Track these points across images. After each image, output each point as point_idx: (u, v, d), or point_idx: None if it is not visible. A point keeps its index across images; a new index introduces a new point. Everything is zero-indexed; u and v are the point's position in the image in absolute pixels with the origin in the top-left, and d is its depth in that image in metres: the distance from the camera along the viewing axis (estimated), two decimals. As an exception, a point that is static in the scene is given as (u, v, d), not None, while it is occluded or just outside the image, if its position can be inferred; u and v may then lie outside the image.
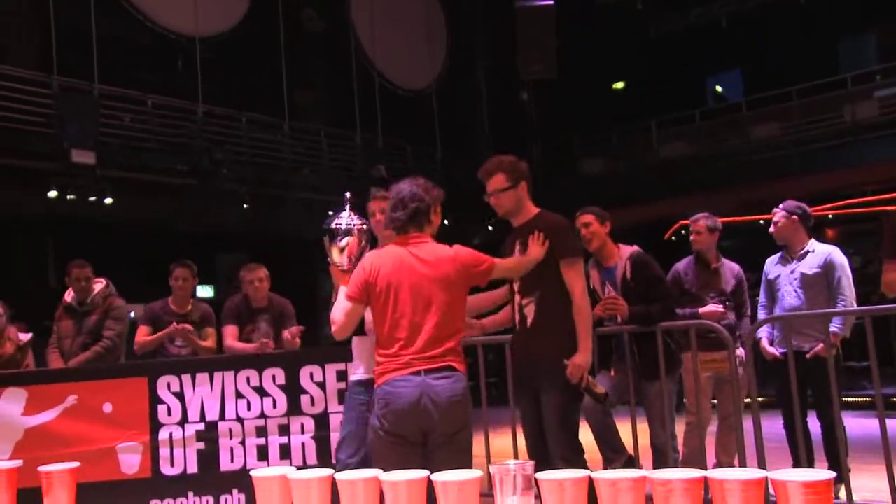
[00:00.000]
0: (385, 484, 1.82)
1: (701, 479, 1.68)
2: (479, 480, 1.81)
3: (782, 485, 1.63)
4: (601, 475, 1.70)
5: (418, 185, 3.83)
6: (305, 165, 17.47)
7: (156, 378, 5.23)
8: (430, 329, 3.62)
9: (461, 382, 3.62)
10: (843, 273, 5.69)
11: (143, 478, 5.13)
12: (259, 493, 1.99)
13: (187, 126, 15.56)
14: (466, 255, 3.81)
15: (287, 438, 5.20)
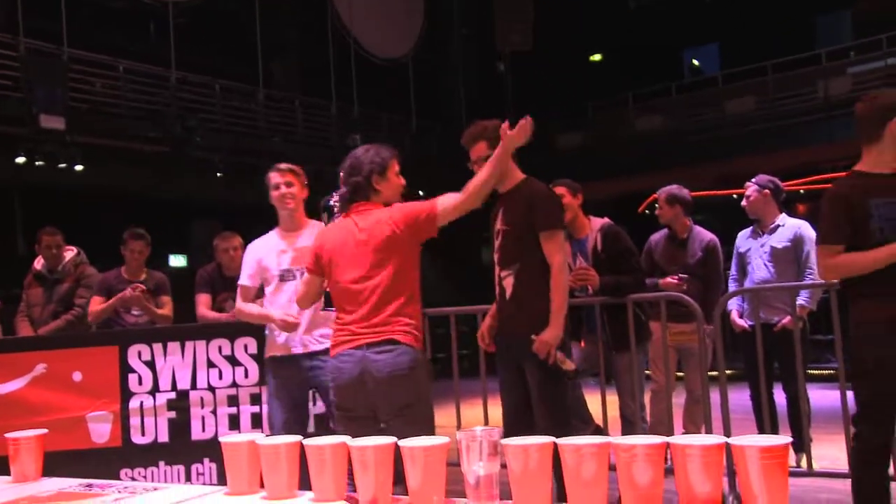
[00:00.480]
0: (353, 449, 1.85)
1: (663, 444, 1.72)
2: (445, 447, 1.84)
3: (741, 450, 1.67)
4: (566, 441, 1.74)
5: (356, 157, 3.75)
6: (280, 134, 17.39)
7: (126, 347, 5.21)
8: (372, 298, 3.55)
9: (405, 356, 3.49)
10: (812, 247, 5.74)
11: (114, 447, 5.13)
12: (228, 459, 2.02)
13: (160, 93, 15.44)
14: (402, 210, 3.64)
15: (259, 408, 5.20)
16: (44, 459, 2.40)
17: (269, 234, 4.70)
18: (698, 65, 24.40)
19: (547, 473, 1.76)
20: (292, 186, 4.54)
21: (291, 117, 17.79)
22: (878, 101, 3.84)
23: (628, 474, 1.70)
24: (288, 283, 4.49)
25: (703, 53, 24.19)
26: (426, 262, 3.93)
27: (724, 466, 1.75)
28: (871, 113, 3.80)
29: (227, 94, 16.59)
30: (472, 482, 1.77)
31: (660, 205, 6.14)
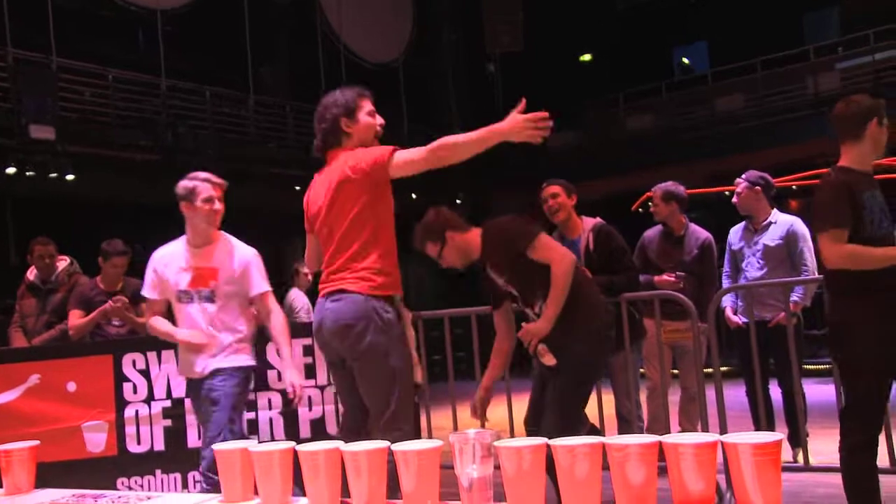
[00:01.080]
0: (346, 454, 1.84)
1: (656, 444, 1.72)
2: (438, 450, 1.84)
3: (733, 447, 1.68)
4: (559, 442, 1.74)
5: (322, 104, 3.72)
6: (271, 140, 17.39)
7: (121, 356, 5.22)
8: (330, 246, 3.60)
9: (353, 304, 3.47)
10: (805, 244, 5.77)
11: (110, 456, 5.13)
12: (221, 467, 2.02)
13: (150, 101, 15.41)
14: (357, 155, 3.57)
15: (254, 414, 5.21)
16: (39, 470, 2.39)
17: (175, 244, 4.48)
18: (688, 63, 24.43)
19: (540, 474, 1.76)
20: (221, 202, 4.45)
21: (282, 122, 17.78)
22: (858, 103, 4.01)
23: (622, 474, 1.71)
24: (187, 306, 4.27)
25: (692, 52, 24.21)
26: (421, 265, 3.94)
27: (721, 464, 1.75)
28: (851, 114, 3.98)
29: (217, 100, 16.57)
30: (465, 485, 1.76)
31: (655, 202, 6.14)
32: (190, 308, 4.23)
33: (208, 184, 4.39)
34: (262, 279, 4.39)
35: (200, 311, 4.20)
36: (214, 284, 4.22)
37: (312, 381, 5.23)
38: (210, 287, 4.22)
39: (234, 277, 4.26)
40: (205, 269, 4.22)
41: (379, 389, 3.52)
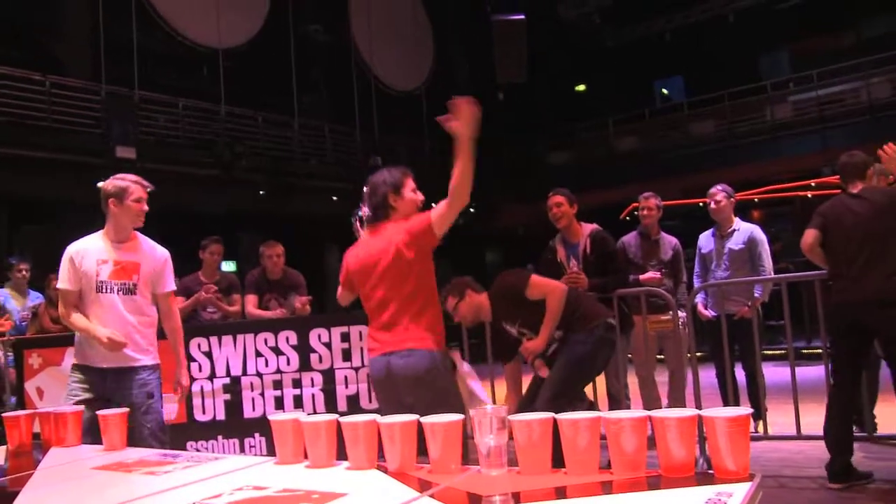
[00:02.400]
0: (382, 426, 1.85)
1: (645, 418, 1.72)
2: (461, 423, 1.85)
3: (711, 420, 1.67)
4: (564, 416, 1.74)
5: (372, 182, 3.56)
6: (312, 157, 17.44)
7: (188, 340, 5.23)
8: (395, 303, 3.41)
9: (423, 359, 3.34)
10: (763, 248, 5.76)
11: (181, 423, 5.16)
12: (276, 434, 2.03)
13: (212, 125, 15.52)
14: (403, 228, 3.39)
15: (300, 390, 5.23)
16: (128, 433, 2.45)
17: (91, 238, 3.95)
18: (667, 94, 24.36)
19: (547, 443, 1.76)
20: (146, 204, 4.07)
21: (321, 142, 17.83)
22: (856, 158, 4.46)
23: (617, 443, 1.71)
24: (105, 296, 3.80)
25: (670, 84, 24.15)
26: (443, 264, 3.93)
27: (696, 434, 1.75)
28: (856, 163, 4.43)
29: (267, 124, 16.64)
30: (484, 452, 1.77)
31: (650, 208, 6.04)
32: (109, 298, 3.80)
33: (139, 185, 4.03)
34: (172, 279, 4.08)
35: (121, 302, 3.81)
36: (136, 278, 3.87)
37: (349, 363, 5.24)
38: (133, 280, 3.85)
39: (153, 273, 3.94)
40: (128, 264, 3.86)
41: None
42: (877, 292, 4.10)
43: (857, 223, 4.22)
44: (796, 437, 5.15)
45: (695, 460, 1.75)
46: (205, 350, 5.25)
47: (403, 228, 3.38)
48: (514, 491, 1.66)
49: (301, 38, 18.15)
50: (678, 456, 1.68)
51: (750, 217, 15.20)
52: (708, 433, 1.72)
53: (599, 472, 1.74)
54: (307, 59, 18.39)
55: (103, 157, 13.03)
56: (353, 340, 5.23)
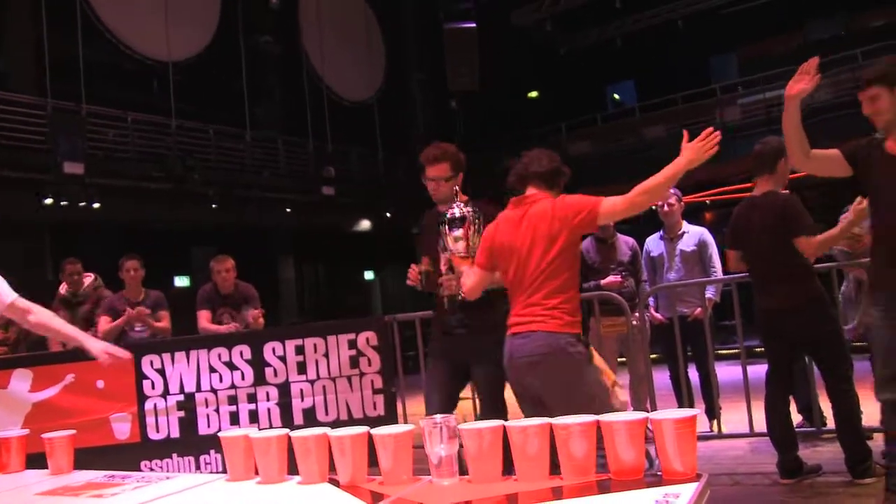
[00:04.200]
0: (332, 439, 1.85)
1: (594, 422, 1.73)
2: (411, 433, 1.85)
3: (658, 423, 1.70)
4: (513, 424, 1.75)
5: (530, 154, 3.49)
6: (265, 169, 17.33)
7: (141, 357, 5.14)
8: (532, 281, 3.25)
9: (540, 340, 3.16)
10: (713, 249, 5.85)
11: (134, 442, 5.07)
12: (227, 451, 2.01)
13: (162, 138, 15.34)
14: (565, 204, 3.25)
15: (255, 405, 5.16)
16: (75, 455, 2.41)
17: None
18: (619, 98, 24.66)
19: (497, 451, 1.77)
20: None
21: (274, 154, 17.72)
22: (771, 145, 4.32)
23: (566, 448, 1.72)
24: None
25: (622, 89, 24.46)
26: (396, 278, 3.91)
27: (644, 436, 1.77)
28: (766, 153, 4.32)
29: (219, 136, 16.49)
30: (434, 462, 1.77)
31: None
32: None
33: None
34: (9, 288, 3.55)
35: None
36: None
37: (304, 376, 5.20)
38: None
39: None
40: None
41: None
42: (783, 301, 4.22)
43: (758, 237, 4.32)
44: (749, 434, 5.24)
45: (646, 461, 1.77)
46: (157, 367, 5.16)
47: (566, 204, 3.24)
48: (465, 500, 1.66)
49: (252, 49, 18.04)
50: (627, 459, 1.70)
51: (702, 219, 15.44)
52: (655, 436, 1.74)
53: (550, 478, 1.75)
54: (259, 71, 18.28)
55: (50, 172, 12.81)
56: (308, 353, 5.19)
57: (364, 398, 5.23)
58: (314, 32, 19.16)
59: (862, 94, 3.47)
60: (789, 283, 4.19)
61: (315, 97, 18.86)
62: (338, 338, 5.25)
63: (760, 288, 4.45)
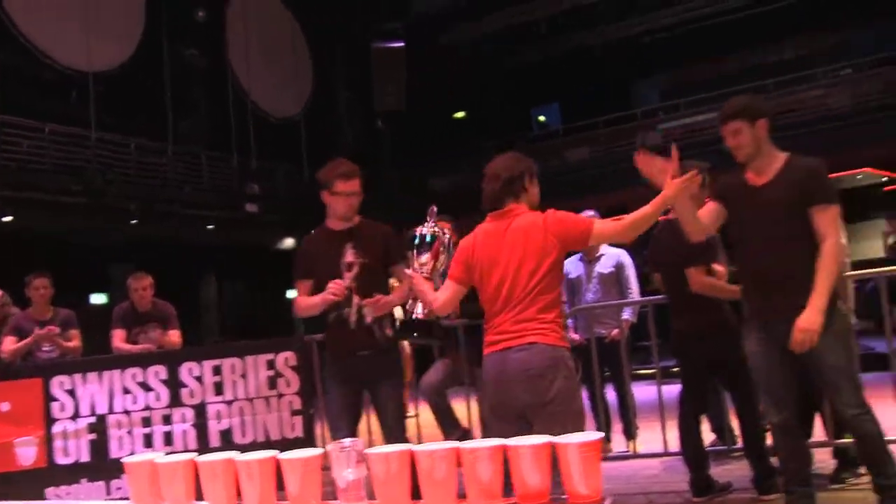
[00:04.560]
0: (239, 464, 1.83)
1: (500, 447, 1.76)
2: (320, 457, 1.84)
3: (563, 447, 1.73)
4: (420, 448, 1.76)
5: (503, 162, 3.34)
6: (187, 184, 17.02)
7: (50, 378, 4.98)
8: (524, 295, 3.16)
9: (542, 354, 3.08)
10: (631, 271, 5.98)
11: (40, 468, 4.89)
12: (131, 477, 1.97)
13: (81, 150, 14.95)
14: (557, 220, 3.19)
15: (170, 427, 5.05)
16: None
17: None
18: (543, 120, 25.04)
19: (405, 476, 1.78)
20: None
21: (197, 169, 17.42)
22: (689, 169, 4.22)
23: (473, 471, 1.74)
24: None
25: (547, 111, 24.85)
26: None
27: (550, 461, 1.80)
28: None
29: (140, 150, 16.15)
30: (342, 486, 1.77)
31: None
32: None
33: None
34: None
35: None
36: None
37: (221, 397, 5.12)
38: None
39: None
40: None
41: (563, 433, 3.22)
42: (691, 325, 4.36)
43: (671, 261, 4.43)
44: (664, 454, 5.35)
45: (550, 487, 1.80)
46: (67, 388, 5.00)
47: (558, 220, 3.19)
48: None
49: (177, 62, 17.73)
50: (533, 483, 1.73)
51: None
52: (560, 459, 1.77)
53: (457, 502, 1.77)
54: (183, 84, 17.98)
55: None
56: (226, 373, 5.11)
57: (282, 420, 5.18)
58: (241, 47, 18.97)
59: (724, 127, 3.55)
60: (698, 308, 4.31)
61: (240, 112, 18.65)
62: (256, 358, 5.19)
63: (673, 310, 4.58)
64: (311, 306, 4.06)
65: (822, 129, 16.18)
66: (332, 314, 4.05)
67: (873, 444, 3.48)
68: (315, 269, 4.09)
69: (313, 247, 4.20)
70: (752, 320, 3.63)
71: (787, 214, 3.42)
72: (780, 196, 3.43)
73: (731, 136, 3.53)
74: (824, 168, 3.49)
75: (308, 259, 4.14)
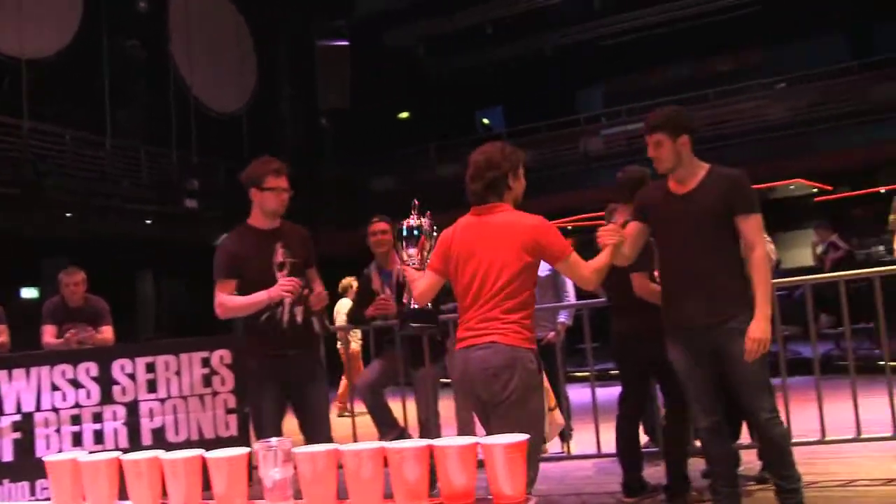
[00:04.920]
0: (165, 462, 1.81)
1: (427, 447, 1.77)
2: (246, 456, 1.84)
3: (489, 447, 1.76)
4: (346, 448, 1.77)
5: (488, 155, 3.31)
6: (125, 178, 16.68)
7: (-28, 376, 4.86)
8: (493, 293, 3.19)
9: (501, 354, 3.10)
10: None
11: (-41, 467, 4.76)
12: (52, 476, 1.93)
13: (13, 141, 14.53)
14: (545, 232, 3.21)
15: (101, 425, 4.97)
16: None
17: None
18: (487, 123, 25.18)
19: (332, 475, 1.79)
20: None
21: (136, 163, 17.07)
22: (631, 174, 4.55)
23: (399, 472, 1.75)
24: None
25: (491, 114, 25.01)
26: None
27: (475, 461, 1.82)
28: (625, 182, 4.50)
29: (76, 142, 15.77)
30: (268, 486, 1.77)
31: None
32: None
33: None
34: None
35: None
36: None
37: (154, 395, 5.05)
38: None
39: None
40: None
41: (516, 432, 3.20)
42: (633, 327, 4.42)
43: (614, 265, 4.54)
44: (597, 455, 5.44)
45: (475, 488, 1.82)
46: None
47: (544, 231, 3.20)
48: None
49: (116, 52, 17.35)
50: (458, 483, 1.75)
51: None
52: (486, 460, 1.80)
53: (384, 502, 1.78)
54: (122, 76, 17.60)
55: None
56: (159, 371, 5.05)
57: (217, 418, 5.13)
58: (183, 40, 18.66)
59: (648, 137, 3.62)
60: (639, 312, 4.37)
61: (181, 106, 18.34)
62: (191, 356, 5.14)
63: (615, 313, 4.65)
64: (246, 306, 4.02)
65: (758, 140, 16.60)
66: (265, 314, 4.03)
67: (780, 448, 3.57)
68: (243, 269, 4.05)
69: (239, 247, 4.11)
70: (675, 328, 3.67)
71: (709, 224, 3.49)
72: (701, 205, 3.50)
73: (653, 147, 3.60)
74: (746, 178, 3.55)
75: (233, 259, 4.06)
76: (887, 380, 4.76)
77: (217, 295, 4.03)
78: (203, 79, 18.95)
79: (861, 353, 9.25)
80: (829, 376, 6.95)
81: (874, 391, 4.99)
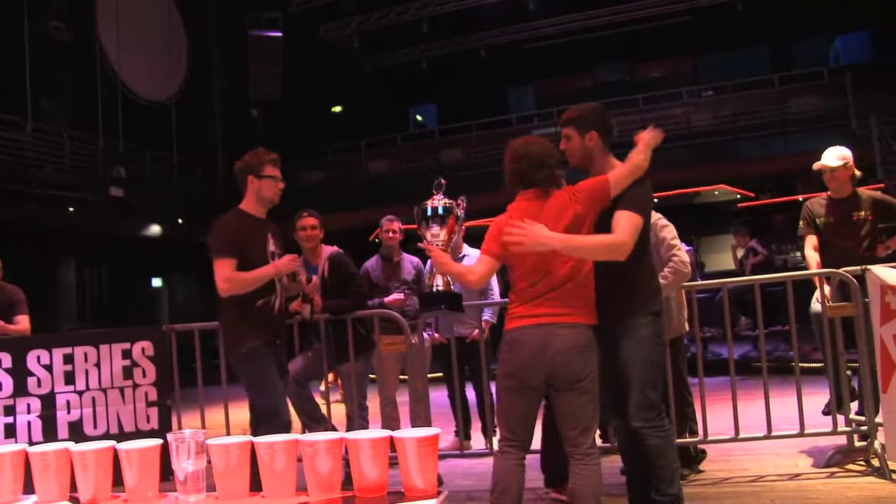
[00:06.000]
0: (74, 454, 1.80)
1: (340, 440, 1.80)
2: (158, 448, 1.84)
3: (401, 441, 1.79)
4: (260, 440, 1.78)
5: (533, 154, 3.41)
6: (48, 164, 16.18)
7: None
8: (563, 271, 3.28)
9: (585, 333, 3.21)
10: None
11: None
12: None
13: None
14: (582, 186, 3.36)
15: (13, 418, 4.84)
16: None
17: None
18: (421, 120, 25.20)
19: (245, 468, 1.80)
20: None
21: (59, 149, 16.58)
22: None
23: (312, 465, 1.78)
24: None
25: (424, 111, 25.03)
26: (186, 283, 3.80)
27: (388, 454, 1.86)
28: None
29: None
30: (181, 478, 1.77)
31: (395, 232, 6.16)
32: None
33: None
34: None
35: None
36: None
37: (72, 387, 4.94)
38: None
39: None
40: None
41: (591, 410, 3.22)
42: None
43: None
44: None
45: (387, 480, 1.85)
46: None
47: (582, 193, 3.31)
48: (208, 516, 1.68)
49: (38, 33, 16.79)
50: (371, 476, 1.78)
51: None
52: (398, 453, 1.83)
53: (297, 494, 1.80)
54: (45, 58, 17.05)
55: None
56: (78, 362, 4.95)
57: (137, 411, 5.06)
58: (111, 23, 18.18)
59: (562, 131, 3.69)
60: None
61: (109, 92, 17.88)
62: (111, 347, 5.05)
63: None
64: (256, 278, 4.04)
65: (685, 146, 17.01)
66: (261, 300, 4.10)
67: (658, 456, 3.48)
68: (245, 249, 4.07)
69: (243, 229, 4.14)
70: None
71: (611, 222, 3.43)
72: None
73: (564, 140, 3.67)
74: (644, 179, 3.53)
75: (239, 239, 4.07)
76: (796, 380, 4.94)
77: (222, 270, 3.99)
78: (131, 65, 18.52)
79: (777, 355, 9.61)
80: (746, 377, 7.24)
81: (787, 391, 5.20)
